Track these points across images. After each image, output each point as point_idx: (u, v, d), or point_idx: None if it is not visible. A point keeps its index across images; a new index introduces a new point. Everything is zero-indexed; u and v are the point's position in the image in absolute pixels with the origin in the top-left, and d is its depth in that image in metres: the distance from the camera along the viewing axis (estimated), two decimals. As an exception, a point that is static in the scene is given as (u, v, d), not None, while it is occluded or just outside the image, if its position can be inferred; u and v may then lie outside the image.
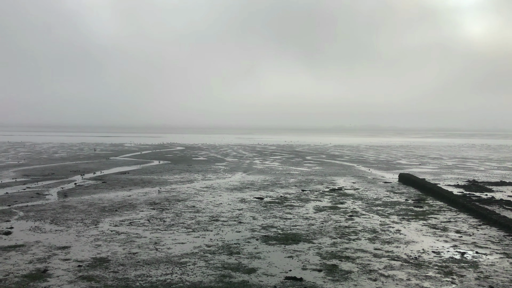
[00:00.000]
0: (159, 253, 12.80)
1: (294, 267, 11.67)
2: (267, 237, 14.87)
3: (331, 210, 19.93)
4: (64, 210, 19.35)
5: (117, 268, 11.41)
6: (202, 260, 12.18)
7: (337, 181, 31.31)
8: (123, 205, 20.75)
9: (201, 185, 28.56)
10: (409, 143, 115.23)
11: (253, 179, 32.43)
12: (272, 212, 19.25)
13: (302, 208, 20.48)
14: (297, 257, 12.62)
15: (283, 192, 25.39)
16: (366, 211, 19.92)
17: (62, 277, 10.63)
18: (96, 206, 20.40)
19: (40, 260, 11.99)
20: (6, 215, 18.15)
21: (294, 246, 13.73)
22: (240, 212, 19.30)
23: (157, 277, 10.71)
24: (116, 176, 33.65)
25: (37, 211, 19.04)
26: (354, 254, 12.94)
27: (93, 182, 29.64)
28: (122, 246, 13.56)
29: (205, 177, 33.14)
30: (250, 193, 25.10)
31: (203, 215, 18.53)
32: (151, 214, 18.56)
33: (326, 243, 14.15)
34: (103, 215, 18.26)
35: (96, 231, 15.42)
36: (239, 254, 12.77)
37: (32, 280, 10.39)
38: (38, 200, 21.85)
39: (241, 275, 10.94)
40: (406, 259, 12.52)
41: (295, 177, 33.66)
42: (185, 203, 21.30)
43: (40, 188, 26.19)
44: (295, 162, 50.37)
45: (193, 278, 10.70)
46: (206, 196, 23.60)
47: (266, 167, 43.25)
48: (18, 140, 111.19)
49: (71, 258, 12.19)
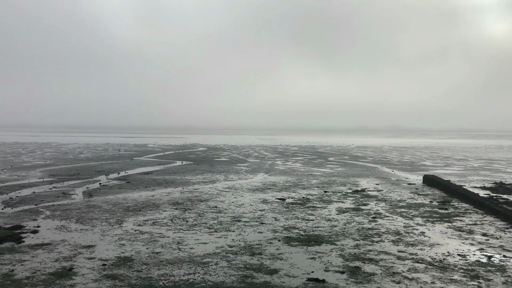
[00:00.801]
0: (182, 253, 12.90)
1: (317, 269, 11.61)
2: (289, 238, 14.83)
3: (354, 212, 19.76)
4: (89, 209, 19.69)
5: (140, 267, 11.54)
6: (224, 260, 12.23)
7: (360, 183, 31.03)
8: (146, 205, 20.99)
9: (223, 185, 28.68)
10: (434, 144, 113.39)
11: (275, 180, 32.39)
12: (294, 213, 19.20)
13: (325, 209, 20.36)
14: (319, 258, 12.55)
15: (305, 193, 25.29)
16: (389, 213, 19.69)
17: (87, 276, 10.82)
18: (120, 205, 20.69)
19: (66, 259, 12.22)
20: (33, 214, 18.56)
21: (317, 248, 13.66)
22: (262, 213, 19.31)
23: (180, 277, 10.79)
24: (140, 176, 34.06)
25: (63, 210, 19.41)
26: (377, 256, 12.80)
27: (117, 182, 30.07)
28: (145, 245, 13.72)
29: (227, 178, 33.27)
30: (272, 194, 25.09)
31: (225, 215, 18.60)
32: (174, 214, 18.72)
33: (349, 245, 14.04)
34: (127, 215, 18.50)
35: (120, 231, 15.64)
36: (261, 255, 12.78)
37: (58, 278, 10.59)
38: (64, 200, 22.29)
39: (263, 276, 10.94)
40: (431, 262, 12.32)
41: (317, 178, 33.49)
42: (207, 204, 21.42)
43: (66, 188, 26.71)
44: (318, 163, 50.12)
45: (215, 278, 10.75)
46: (228, 197, 23.68)
47: (288, 168, 43.15)
48: (45, 140, 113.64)
49: (96, 257, 12.40)
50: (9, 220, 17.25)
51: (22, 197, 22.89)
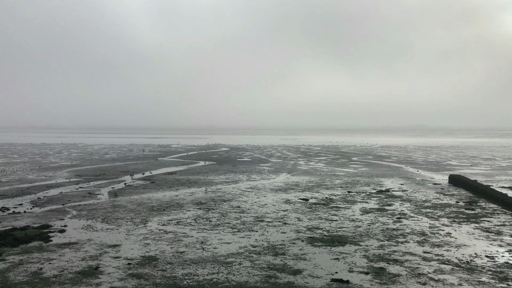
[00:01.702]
0: (206, 253, 12.98)
1: (341, 269, 11.53)
2: (312, 238, 14.77)
3: (378, 212, 19.55)
4: (114, 209, 19.99)
5: (165, 266, 11.66)
6: (248, 260, 12.25)
7: (384, 183, 30.69)
8: (170, 204, 21.20)
9: (246, 185, 28.74)
10: (460, 144, 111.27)
11: (297, 180, 32.30)
12: (318, 214, 19.11)
13: (348, 209, 20.20)
14: (343, 259, 12.46)
15: (329, 194, 25.14)
16: (414, 213, 19.41)
17: (113, 274, 10.98)
18: (145, 205, 20.94)
19: (92, 258, 12.43)
20: (60, 213, 18.95)
21: (340, 248, 13.57)
22: (285, 213, 19.28)
23: (203, 276, 10.86)
24: (164, 176, 34.42)
25: (89, 210, 19.76)
26: (402, 257, 12.63)
27: (142, 182, 30.45)
28: (170, 245, 13.86)
29: (249, 178, 33.32)
30: (295, 194, 25.02)
31: (248, 215, 18.64)
32: (197, 214, 18.85)
33: (373, 246, 13.90)
34: (152, 214, 18.72)
35: (145, 230, 15.83)
36: (284, 255, 12.76)
37: (85, 277, 10.79)
38: (90, 200, 22.69)
39: (286, 276, 10.92)
40: (457, 263, 12.09)
41: (340, 178, 33.26)
42: (230, 204, 21.50)
43: (91, 188, 27.19)
44: (341, 163, 49.76)
45: (239, 278, 10.78)
46: (251, 197, 23.72)
47: (311, 168, 42.97)
48: (71, 141, 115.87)
49: (121, 256, 12.58)
50: (37, 219, 17.65)
51: (49, 197, 23.40)
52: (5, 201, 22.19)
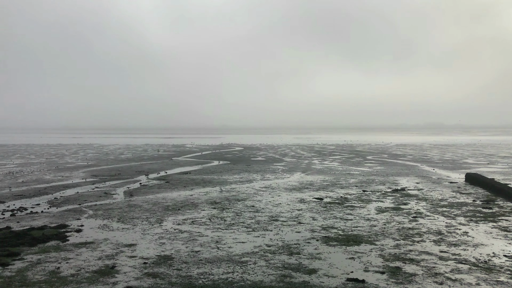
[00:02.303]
0: (221, 252, 13.01)
1: (356, 269, 11.47)
2: (327, 238, 14.71)
3: (394, 211, 19.40)
4: (130, 209, 20.15)
5: (180, 265, 11.72)
6: (263, 259, 12.25)
7: (399, 181, 30.44)
8: (185, 204, 21.30)
9: (260, 185, 28.75)
10: (476, 142, 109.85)
11: (312, 179, 32.21)
12: (332, 213, 19.03)
13: (364, 209, 20.08)
14: (358, 258, 12.39)
15: (344, 193, 25.02)
16: (430, 212, 19.22)
17: (129, 274, 11.07)
18: (160, 205, 21.08)
19: (108, 257, 12.55)
20: (77, 213, 19.16)
21: (356, 248, 13.49)
22: (299, 212, 19.23)
23: (219, 275, 10.89)
24: (178, 176, 34.60)
25: (105, 209, 19.95)
26: (418, 257, 12.51)
27: (157, 182, 30.65)
28: (185, 244, 13.92)
29: (264, 177, 33.32)
30: (310, 193, 24.95)
31: (263, 215, 18.64)
32: (212, 213, 18.91)
33: (389, 245, 13.79)
34: (167, 214, 18.83)
35: (160, 229, 15.93)
36: (299, 255, 12.73)
37: (101, 276, 10.89)
38: (106, 199, 22.91)
39: (301, 276, 10.90)
40: (475, 263, 11.94)
41: (355, 177, 33.08)
42: (244, 203, 21.53)
43: (107, 188, 27.45)
44: (356, 162, 49.49)
45: (254, 277, 10.78)
46: (265, 196, 23.72)
47: (325, 167, 42.81)
48: (87, 142, 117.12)
49: (137, 255, 12.67)
50: (55, 219, 17.88)
51: (66, 197, 23.68)
52: (23, 201, 22.52)
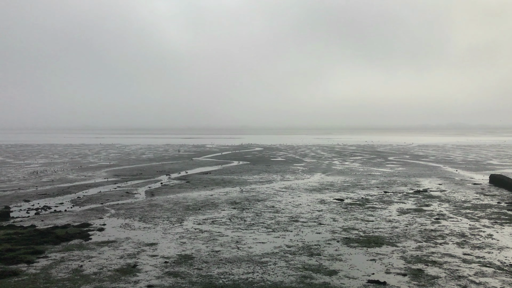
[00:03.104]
0: (241, 252, 13.03)
1: (377, 271, 11.35)
2: (348, 239, 14.60)
3: (416, 213, 19.14)
4: (151, 208, 20.35)
5: (201, 265, 11.78)
6: (283, 260, 12.23)
7: (421, 183, 30.03)
8: (205, 204, 21.40)
9: (280, 185, 28.70)
10: (501, 142, 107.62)
11: (332, 180, 32.02)
12: (353, 214, 18.88)
13: (385, 210, 19.87)
14: (380, 260, 12.26)
15: (365, 194, 24.80)
16: (453, 214, 18.90)
17: (150, 273, 11.18)
18: (180, 204, 21.23)
19: (130, 256, 12.69)
20: (99, 212, 19.44)
21: (377, 249, 13.36)
22: (320, 213, 19.14)
23: (239, 275, 10.91)
24: (199, 176, 34.79)
25: (127, 209, 20.19)
26: (441, 259, 12.32)
27: (177, 181, 30.88)
28: (205, 244, 13.99)
29: (283, 178, 33.26)
30: (330, 194, 24.81)
31: (283, 215, 18.60)
32: (232, 213, 18.96)
33: (410, 247, 13.62)
34: (187, 214, 18.95)
35: (181, 229, 16.04)
36: (319, 256, 12.67)
37: (123, 274, 11.02)
38: (127, 199, 23.18)
39: (322, 277, 10.84)
40: (500, 266, 11.69)
41: (376, 178, 32.76)
42: (264, 203, 21.52)
43: (129, 187, 27.77)
44: (377, 162, 49.02)
45: (274, 277, 10.77)
46: (285, 197, 23.67)
47: (346, 168, 42.51)
48: (109, 142, 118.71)
49: (158, 255, 12.78)
50: (77, 218, 18.17)
51: (89, 196, 24.04)
52: (46, 200, 22.95)
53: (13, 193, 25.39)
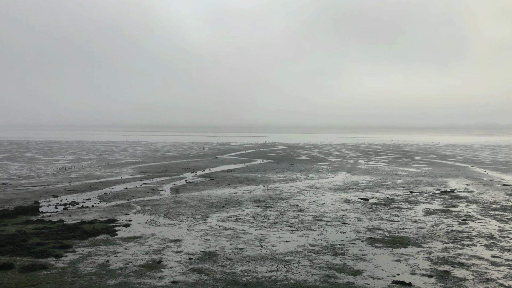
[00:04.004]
0: (264, 250, 13.04)
1: (402, 271, 11.20)
2: (373, 239, 14.45)
3: (443, 214, 18.81)
4: (176, 205, 20.55)
5: (224, 262, 11.84)
6: (306, 259, 12.19)
7: (448, 183, 29.48)
8: (229, 201, 21.50)
9: (303, 184, 28.60)
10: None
11: (357, 179, 31.73)
12: (378, 214, 18.67)
13: (411, 210, 19.59)
14: (405, 261, 12.10)
15: (390, 194, 24.50)
16: (482, 215, 18.49)
17: (175, 269, 11.29)
18: (205, 202, 21.38)
19: (155, 252, 12.85)
20: (126, 208, 19.73)
21: (402, 250, 13.18)
22: (344, 212, 18.99)
23: (262, 273, 10.92)
24: (222, 174, 34.96)
25: (152, 205, 20.44)
26: (468, 261, 12.07)
27: (202, 179, 31.11)
28: (229, 241, 14.05)
29: (307, 177, 33.13)
30: (355, 193, 24.59)
31: (307, 214, 18.53)
32: (255, 212, 18.99)
33: (437, 248, 13.39)
34: (211, 211, 19.07)
35: (205, 226, 16.16)
36: (344, 255, 12.58)
37: (148, 270, 11.17)
38: (153, 195, 23.47)
39: (346, 277, 10.76)
40: (530, 270, 11.38)
41: (402, 178, 32.31)
42: (288, 202, 21.48)
43: (154, 184, 28.11)
44: (403, 162, 48.35)
45: (297, 276, 10.74)
46: (309, 196, 23.57)
47: (371, 167, 42.07)
48: (135, 139, 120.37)
49: (182, 251, 12.91)
50: (104, 214, 18.49)
51: (115, 193, 24.44)
52: (74, 195, 23.43)
53: (42, 188, 26.01)
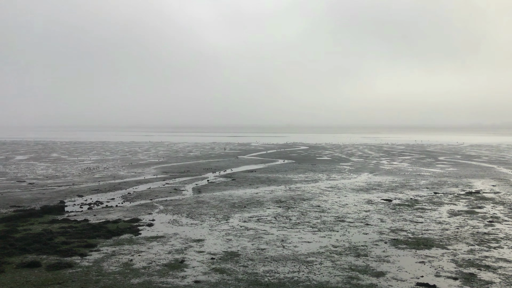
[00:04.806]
0: (286, 251, 13.02)
1: (426, 273, 11.04)
2: (396, 240, 14.28)
3: (468, 215, 18.47)
4: (198, 205, 20.69)
5: (246, 262, 11.87)
6: (329, 260, 12.12)
7: (474, 184, 28.93)
8: (251, 202, 21.53)
9: (325, 185, 28.45)
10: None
11: (380, 180, 31.41)
12: (402, 215, 18.45)
13: (435, 211, 19.29)
14: (429, 263, 11.92)
15: (414, 195, 24.18)
16: (509, 217, 18.09)
17: (197, 268, 11.37)
18: (226, 202, 21.46)
19: (178, 251, 12.96)
20: (149, 208, 19.96)
21: (426, 251, 12.99)
22: (367, 213, 18.82)
23: (284, 274, 10.91)
24: (244, 174, 35.04)
25: (175, 205, 20.62)
26: (495, 264, 11.82)
27: (223, 179, 31.24)
28: (251, 241, 14.07)
29: (329, 177, 32.95)
30: (378, 194, 24.35)
31: (329, 215, 18.43)
32: (277, 212, 18.97)
33: (462, 250, 13.15)
34: (233, 211, 19.13)
35: (227, 226, 16.22)
36: (366, 257, 12.46)
37: (171, 269, 11.27)
38: (175, 195, 23.68)
39: (369, 278, 10.66)
40: (560, 273, 11.08)
41: (426, 179, 31.85)
42: (310, 203, 21.40)
43: (177, 184, 28.36)
44: (426, 162, 47.66)
45: (320, 277, 10.69)
46: (331, 196, 23.44)
47: (394, 167, 41.58)
48: (158, 140, 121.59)
49: (205, 251, 12.98)
50: (128, 213, 18.74)
51: (138, 192, 24.74)
52: (99, 195, 23.80)
53: (68, 188, 26.50)
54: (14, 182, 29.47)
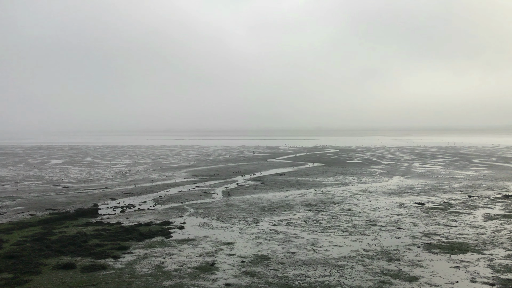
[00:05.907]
0: (317, 254, 12.93)
1: (461, 279, 10.77)
2: (429, 244, 13.99)
3: (505, 219, 17.93)
4: (228, 208, 20.79)
5: (277, 266, 11.84)
6: (360, 264, 11.97)
7: (510, 187, 28.06)
8: (280, 205, 21.49)
9: (356, 188, 28.14)
10: None
11: (412, 183, 30.85)
12: (435, 219, 18.06)
13: (469, 215, 18.81)
14: (464, 268, 11.63)
15: (447, 198, 23.64)
16: (548, 221, 17.46)
17: (228, 271, 11.42)
18: (256, 205, 21.49)
19: (208, 254, 13.05)
20: (180, 211, 20.18)
21: (461, 256, 12.67)
22: (399, 217, 18.51)
23: (315, 278, 10.84)
24: (273, 177, 35.02)
25: (205, 208, 20.78)
26: (534, 270, 11.43)
27: (252, 182, 31.30)
28: (281, 245, 14.04)
29: (360, 180, 32.57)
30: (410, 197, 23.92)
31: (360, 219, 18.21)
32: (307, 215, 18.87)
33: (499, 255, 12.77)
34: (263, 214, 19.14)
35: (256, 229, 16.24)
36: (399, 261, 12.25)
37: (202, 272, 11.36)
38: (205, 198, 23.87)
39: (401, 283, 10.47)
40: None
41: (460, 182, 31.09)
42: (340, 206, 21.20)
43: (207, 187, 28.58)
44: (460, 165, 46.54)
45: (351, 282, 10.57)
46: (362, 200, 23.16)
47: (427, 170, 40.77)
48: (188, 144, 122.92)
49: (235, 254, 13.03)
50: (159, 216, 18.99)
51: (169, 196, 25.05)
52: (131, 198, 24.22)
53: (101, 191, 27.07)
54: (49, 186, 30.31)
